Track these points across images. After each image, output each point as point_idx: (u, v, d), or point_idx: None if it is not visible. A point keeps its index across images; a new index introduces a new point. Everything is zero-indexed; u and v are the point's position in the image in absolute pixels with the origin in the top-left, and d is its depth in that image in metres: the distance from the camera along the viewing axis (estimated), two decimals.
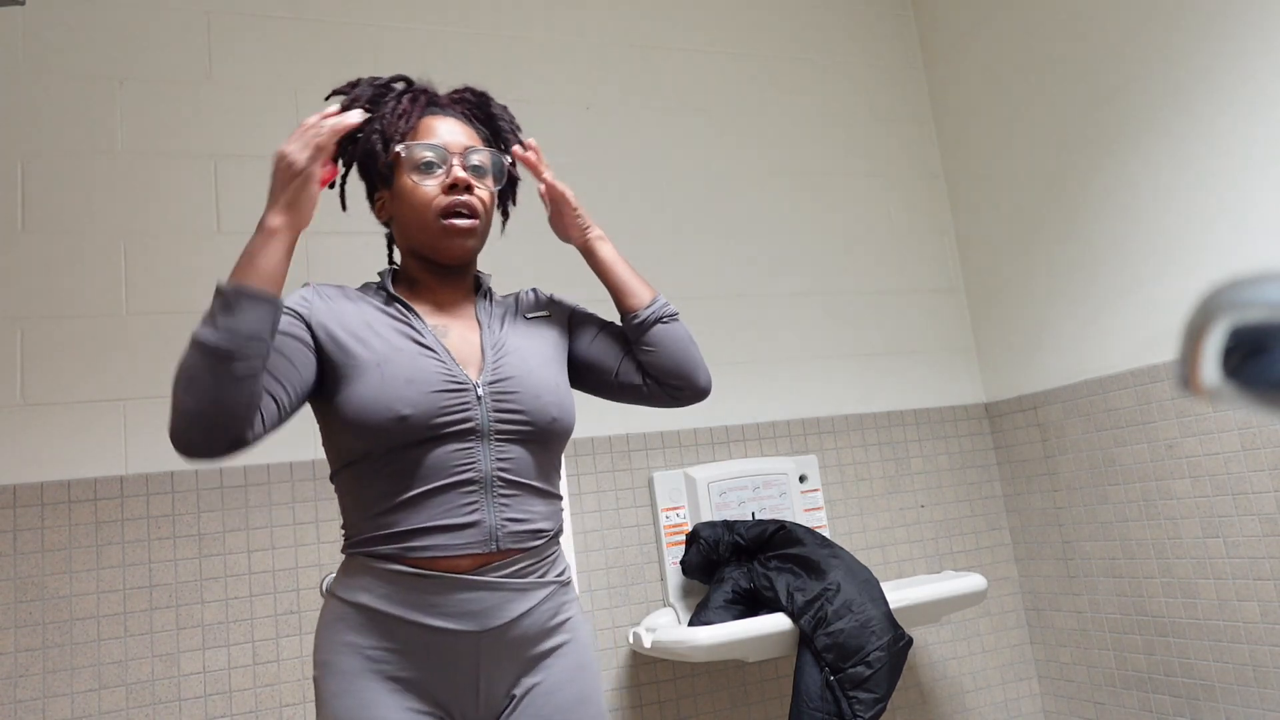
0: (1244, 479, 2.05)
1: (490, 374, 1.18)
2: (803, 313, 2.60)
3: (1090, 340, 2.41)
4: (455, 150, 1.23)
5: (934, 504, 2.63)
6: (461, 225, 1.21)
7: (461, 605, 1.11)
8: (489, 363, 1.20)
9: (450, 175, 1.21)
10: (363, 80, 1.28)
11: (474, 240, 1.24)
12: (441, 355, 1.17)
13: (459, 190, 1.21)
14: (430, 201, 1.21)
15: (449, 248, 1.22)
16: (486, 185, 1.26)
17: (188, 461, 1.06)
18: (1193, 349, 0.47)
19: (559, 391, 1.23)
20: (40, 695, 1.78)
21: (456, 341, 1.21)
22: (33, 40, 2.02)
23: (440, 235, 1.21)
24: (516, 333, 1.27)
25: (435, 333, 1.20)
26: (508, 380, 1.18)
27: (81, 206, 1.99)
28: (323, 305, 1.19)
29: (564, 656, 1.19)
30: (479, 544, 1.12)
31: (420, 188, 1.21)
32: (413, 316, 1.21)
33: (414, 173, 1.22)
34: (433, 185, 1.21)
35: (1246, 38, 2.00)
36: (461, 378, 1.16)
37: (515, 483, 1.17)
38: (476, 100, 1.34)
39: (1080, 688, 2.48)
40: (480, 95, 1.35)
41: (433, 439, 1.12)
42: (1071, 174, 2.44)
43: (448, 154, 1.22)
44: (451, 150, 1.23)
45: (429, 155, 1.22)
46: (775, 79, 2.73)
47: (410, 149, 1.22)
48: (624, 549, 2.26)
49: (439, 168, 1.22)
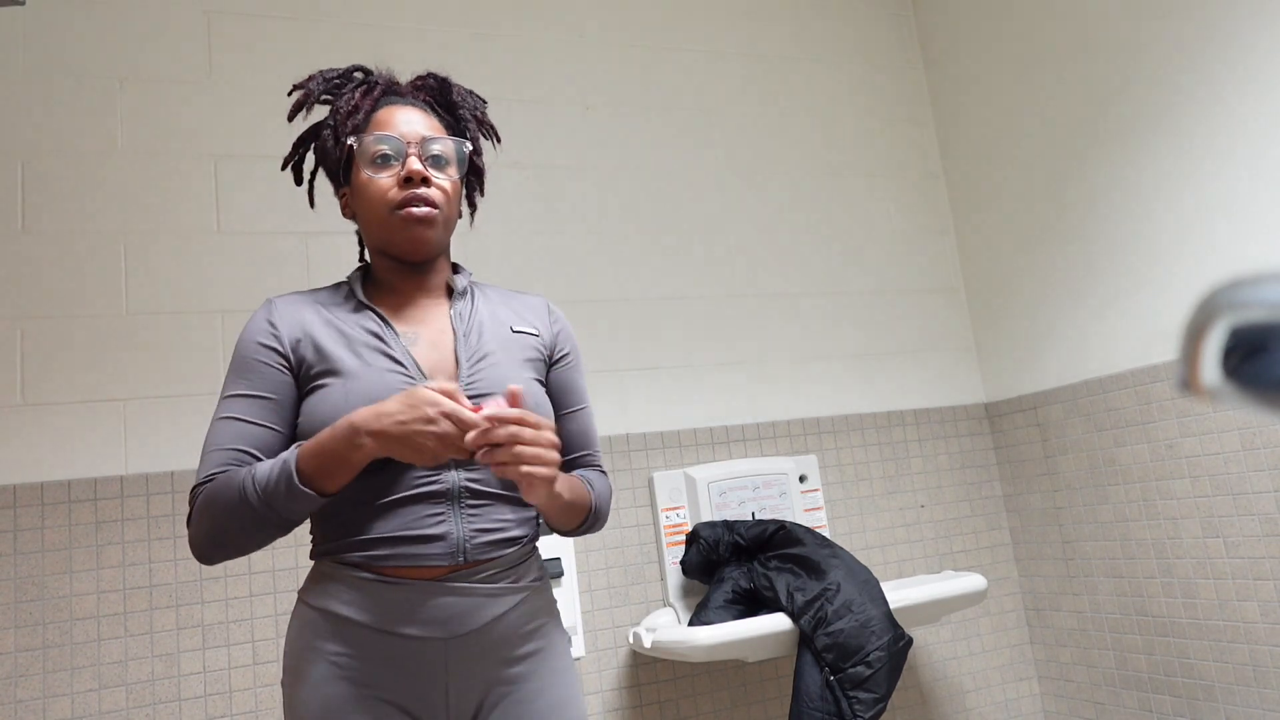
0: (1244, 479, 2.05)
1: (464, 389, 1.14)
2: (803, 313, 2.60)
3: (1090, 340, 2.41)
4: (412, 141, 1.19)
5: (934, 504, 2.63)
6: (417, 213, 1.16)
7: (428, 612, 1.10)
8: (463, 375, 1.16)
9: (405, 168, 1.17)
10: (316, 75, 1.26)
11: (433, 231, 1.19)
12: (409, 369, 1.14)
13: (414, 183, 1.17)
14: (385, 195, 1.17)
15: (408, 240, 1.18)
16: (449, 175, 1.21)
17: (200, 563, 1.17)
18: (1193, 349, 0.47)
19: (536, 408, 1.18)
20: (40, 695, 1.78)
21: (426, 351, 1.18)
22: (33, 40, 2.02)
23: (398, 228, 1.17)
24: (497, 340, 1.22)
25: (405, 340, 1.17)
26: (482, 397, 1.14)
27: (81, 206, 2.00)
28: (288, 327, 1.17)
29: (539, 663, 1.16)
30: (445, 555, 1.11)
31: (375, 181, 1.18)
32: (382, 326, 1.18)
33: (369, 167, 1.18)
34: (388, 179, 1.17)
35: (1247, 38, 2.00)
36: None
37: (484, 493, 1.14)
38: (438, 86, 1.29)
39: (1080, 688, 2.48)
40: (441, 81, 1.29)
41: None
42: (1072, 174, 2.44)
43: (403, 145, 1.18)
44: (408, 141, 1.18)
45: (383, 148, 1.18)
46: (775, 79, 2.73)
47: (363, 142, 1.18)
48: (624, 549, 2.26)
49: (395, 160, 1.18)
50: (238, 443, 1.11)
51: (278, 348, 1.16)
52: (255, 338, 1.17)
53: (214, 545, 1.09)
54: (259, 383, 1.14)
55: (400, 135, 1.19)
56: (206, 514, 1.08)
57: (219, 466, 1.11)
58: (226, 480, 1.08)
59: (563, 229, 2.38)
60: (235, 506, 1.06)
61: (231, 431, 1.12)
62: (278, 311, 1.19)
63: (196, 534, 1.10)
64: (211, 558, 1.10)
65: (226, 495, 1.06)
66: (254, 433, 1.12)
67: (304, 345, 1.16)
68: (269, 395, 1.14)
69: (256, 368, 1.15)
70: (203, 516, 1.09)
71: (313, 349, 1.15)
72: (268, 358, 1.15)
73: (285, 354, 1.16)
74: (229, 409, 1.14)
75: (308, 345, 1.16)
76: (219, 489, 1.08)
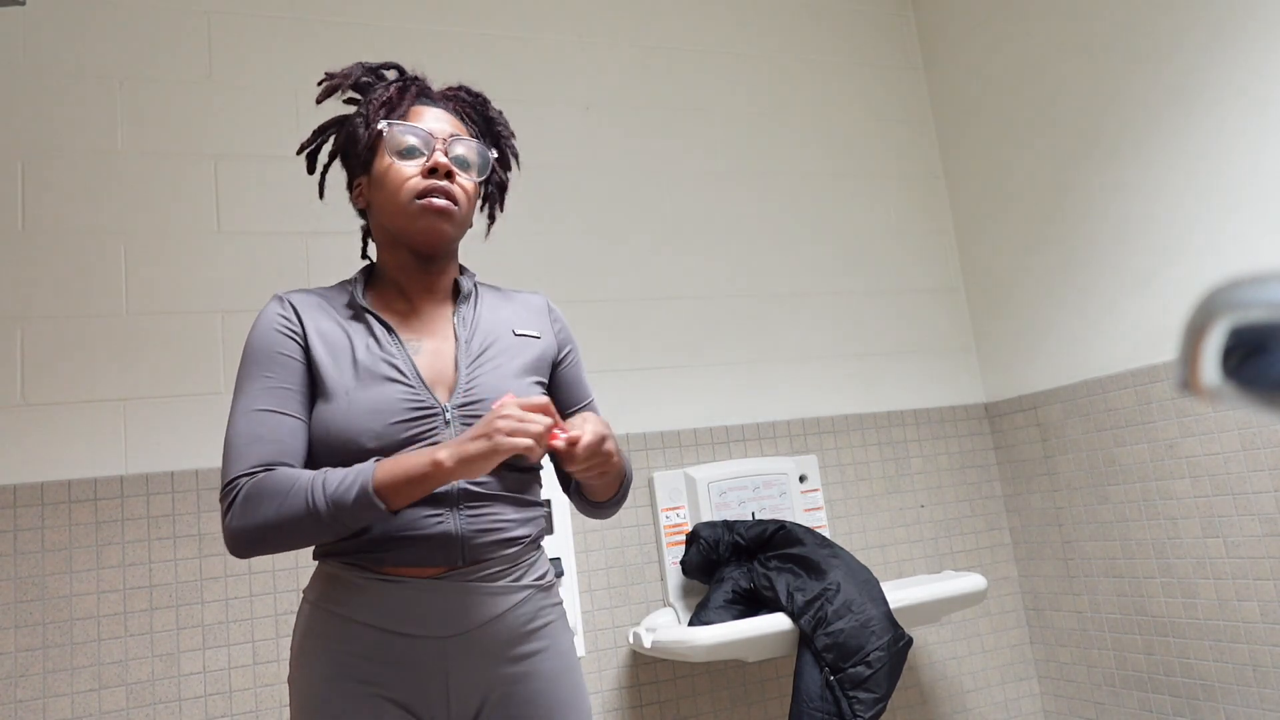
0: (1244, 479, 2.05)
1: (461, 396, 1.15)
2: (803, 313, 2.60)
3: (1090, 340, 2.41)
4: (440, 137, 1.20)
5: (934, 504, 2.63)
6: (438, 204, 1.17)
7: (428, 610, 1.11)
8: (461, 383, 1.16)
9: (432, 160, 1.18)
10: (357, 65, 1.27)
11: (451, 226, 1.20)
12: (410, 378, 1.15)
13: (439, 175, 1.18)
14: (407, 182, 1.18)
15: (424, 229, 1.18)
16: (470, 177, 1.23)
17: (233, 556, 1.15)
18: (1193, 349, 0.47)
19: None
20: (40, 695, 1.78)
21: (428, 359, 1.18)
22: (33, 40, 2.02)
23: (416, 216, 1.18)
24: (499, 345, 1.23)
25: (409, 349, 1.18)
26: (479, 404, 1.15)
27: (81, 206, 1.99)
28: (303, 323, 1.18)
29: (542, 663, 1.16)
30: (444, 555, 1.11)
31: (398, 169, 1.19)
32: (386, 335, 1.18)
33: (394, 155, 1.19)
34: (412, 168, 1.18)
35: (1248, 38, 2.00)
36: (429, 403, 1.14)
37: (485, 495, 1.15)
38: (472, 100, 1.31)
39: (1080, 688, 2.48)
40: (476, 95, 1.32)
41: None
42: (1072, 174, 2.44)
43: (432, 140, 1.20)
44: (436, 137, 1.20)
45: (412, 140, 1.19)
46: (775, 79, 2.73)
47: (393, 129, 1.19)
48: (624, 549, 2.26)
49: (421, 153, 1.19)
50: (277, 434, 1.11)
51: (297, 340, 1.16)
52: (275, 327, 1.17)
53: (259, 541, 1.07)
54: (283, 375, 1.14)
55: (430, 130, 1.20)
56: (256, 510, 1.06)
57: (263, 461, 1.09)
58: (287, 480, 1.06)
59: (562, 229, 2.38)
60: (297, 509, 1.05)
61: (269, 423, 1.11)
62: (292, 307, 1.19)
63: (243, 527, 1.07)
64: (250, 552, 1.08)
65: (289, 497, 1.05)
66: (288, 424, 1.12)
67: (315, 346, 1.16)
68: (293, 387, 1.14)
69: (279, 359, 1.15)
70: (251, 511, 1.06)
71: (324, 351, 1.16)
72: (288, 349, 1.16)
73: (303, 347, 1.16)
74: (258, 401, 1.13)
75: (319, 346, 1.16)
76: (274, 487, 1.06)
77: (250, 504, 1.07)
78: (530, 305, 1.33)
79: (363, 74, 1.26)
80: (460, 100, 1.30)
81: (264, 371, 1.14)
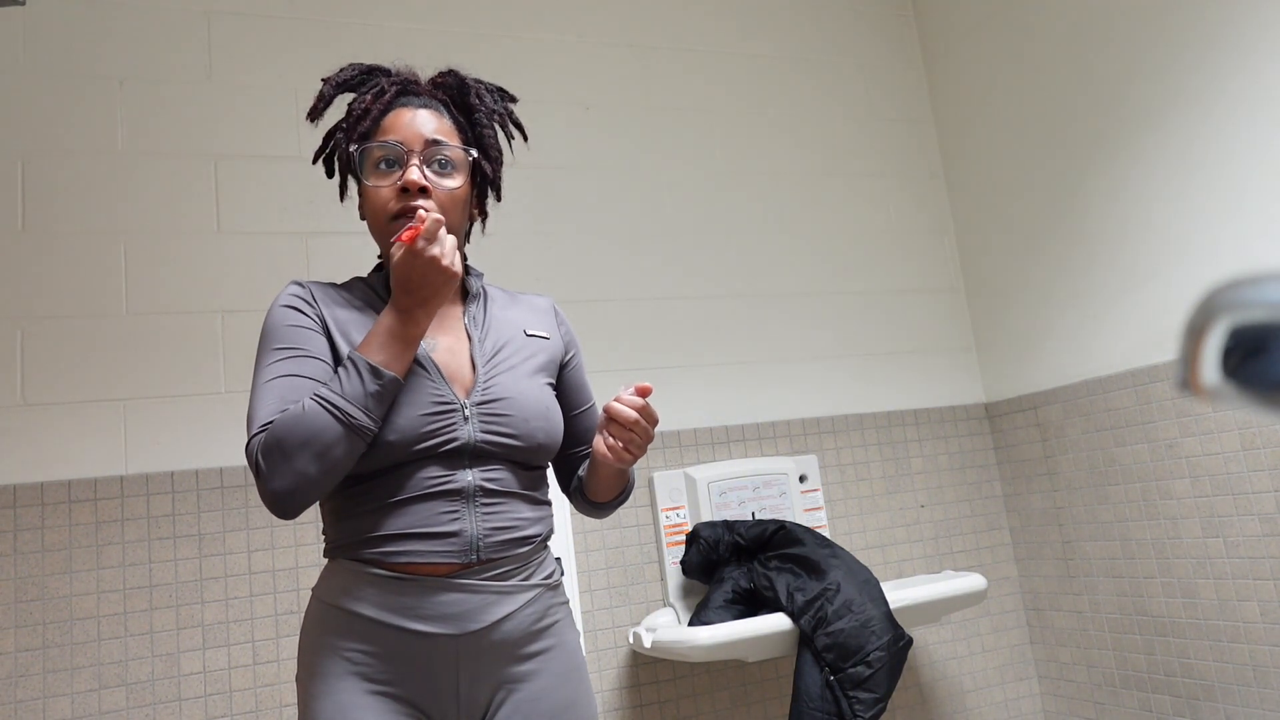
0: (1244, 479, 2.05)
1: (480, 394, 1.15)
2: (803, 313, 2.60)
3: (1090, 340, 2.41)
4: (415, 146, 1.16)
5: (934, 504, 2.63)
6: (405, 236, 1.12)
7: (440, 608, 1.10)
8: (480, 381, 1.16)
9: (403, 179, 1.15)
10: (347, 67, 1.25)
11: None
12: (431, 373, 1.14)
13: (411, 194, 1.14)
14: (385, 205, 1.16)
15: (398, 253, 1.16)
16: (454, 180, 1.19)
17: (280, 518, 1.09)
18: (1193, 349, 0.47)
19: (549, 415, 1.20)
20: (40, 695, 1.78)
21: (445, 356, 1.18)
22: (33, 40, 2.02)
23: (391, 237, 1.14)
24: (511, 345, 1.23)
25: (425, 345, 1.17)
26: (499, 402, 1.15)
27: (81, 206, 2.00)
28: (321, 306, 1.18)
29: (549, 662, 1.17)
30: (459, 552, 1.11)
31: (376, 191, 1.17)
32: None
33: (372, 174, 1.17)
34: (388, 188, 1.16)
35: (1248, 38, 2.00)
36: (450, 398, 1.13)
37: (499, 492, 1.14)
38: (456, 86, 1.26)
39: (1080, 688, 2.48)
40: (460, 80, 1.26)
41: (417, 459, 1.11)
42: (1072, 174, 2.44)
43: (404, 150, 1.16)
44: (410, 147, 1.16)
45: (383, 154, 1.17)
46: (775, 79, 2.73)
47: (364, 150, 1.17)
48: (624, 549, 2.26)
49: (396, 166, 1.16)
50: (296, 393, 1.08)
51: (315, 317, 1.16)
52: (292, 305, 1.16)
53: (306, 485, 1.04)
54: (303, 343, 1.13)
55: (403, 140, 1.16)
56: (280, 451, 1.03)
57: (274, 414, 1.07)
58: (293, 415, 1.04)
59: (562, 229, 2.38)
60: (329, 432, 1.03)
61: (286, 385, 1.09)
62: (309, 291, 1.19)
63: (281, 478, 1.04)
64: (294, 503, 1.05)
65: (300, 424, 1.03)
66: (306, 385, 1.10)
67: (334, 330, 1.16)
68: (316, 356, 1.13)
69: (298, 333, 1.14)
70: (278, 456, 1.04)
71: (342, 338, 1.15)
72: (308, 324, 1.15)
73: (323, 325, 1.16)
74: (279, 369, 1.11)
75: (337, 332, 1.16)
76: (288, 426, 1.04)
77: (275, 449, 1.04)
78: (537, 307, 1.33)
79: (336, 91, 1.24)
80: (447, 88, 1.26)
81: (281, 343, 1.13)
